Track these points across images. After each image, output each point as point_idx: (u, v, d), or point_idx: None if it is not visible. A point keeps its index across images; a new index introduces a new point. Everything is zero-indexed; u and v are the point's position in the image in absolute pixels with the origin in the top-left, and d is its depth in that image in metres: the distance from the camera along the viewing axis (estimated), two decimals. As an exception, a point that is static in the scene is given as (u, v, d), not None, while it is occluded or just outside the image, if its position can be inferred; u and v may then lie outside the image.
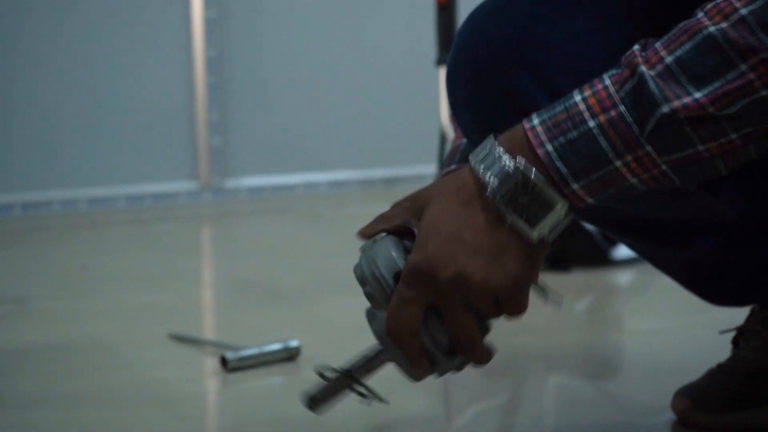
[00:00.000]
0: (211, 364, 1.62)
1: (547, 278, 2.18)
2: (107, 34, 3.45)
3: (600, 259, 2.33)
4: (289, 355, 1.65)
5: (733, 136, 0.94)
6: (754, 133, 0.94)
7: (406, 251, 1.03)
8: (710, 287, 1.33)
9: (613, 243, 2.36)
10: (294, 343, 1.66)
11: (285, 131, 3.70)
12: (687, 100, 0.93)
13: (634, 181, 0.97)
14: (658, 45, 0.96)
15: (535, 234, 0.99)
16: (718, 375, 1.33)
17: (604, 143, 0.96)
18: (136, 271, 2.46)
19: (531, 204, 0.97)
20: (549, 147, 0.97)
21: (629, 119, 0.95)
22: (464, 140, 1.22)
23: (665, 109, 0.93)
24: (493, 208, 0.98)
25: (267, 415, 1.43)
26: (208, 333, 1.91)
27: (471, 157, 1.00)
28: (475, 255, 0.99)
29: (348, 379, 1.05)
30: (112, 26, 3.46)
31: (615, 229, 1.32)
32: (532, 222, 0.98)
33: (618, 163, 0.95)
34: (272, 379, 1.59)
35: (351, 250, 1.72)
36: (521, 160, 0.97)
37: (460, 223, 0.99)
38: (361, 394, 1.07)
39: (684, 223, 1.24)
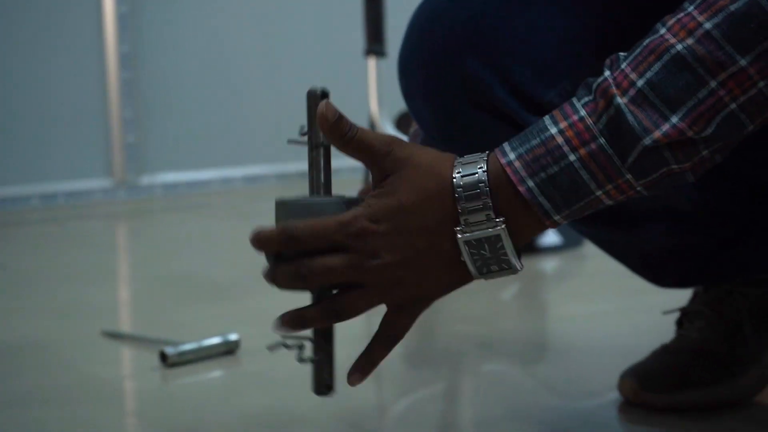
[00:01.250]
0: (149, 359, 1.60)
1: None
2: (17, 30, 3.39)
3: (527, 246, 2.34)
4: (229, 349, 1.64)
5: (705, 153, 0.95)
6: (723, 146, 0.95)
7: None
8: (658, 270, 1.35)
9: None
10: (233, 337, 1.65)
11: (200, 126, 3.67)
12: (666, 128, 0.93)
13: (608, 203, 0.97)
14: (625, 66, 0.95)
15: (478, 278, 1.00)
16: (664, 356, 1.34)
17: (585, 176, 0.95)
18: (57, 270, 2.42)
19: (490, 258, 0.97)
20: (530, 183, 0.96)
21: (610, 151, 0.95)
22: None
23: (647, 141, 0.93)
24: (455, 240, 0.98)
25: (210, 408, 1.42)
26: (141, 329, 1.89)
27: (459, 183, 0.97)
28: (417, 261, 0.99)
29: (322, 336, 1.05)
30: (22, 22, 3.40)
31: None
32: (483, 271, 0.98)
33: (599, 193, 0.96)
34: (212, 373, 1.58)
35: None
36: (501, 222, 0.96)
37: (422, 226, 0.98)
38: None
39: (635, 208, 1.26)
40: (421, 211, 0.98)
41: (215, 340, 1.63)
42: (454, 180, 0.97)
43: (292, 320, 1.03)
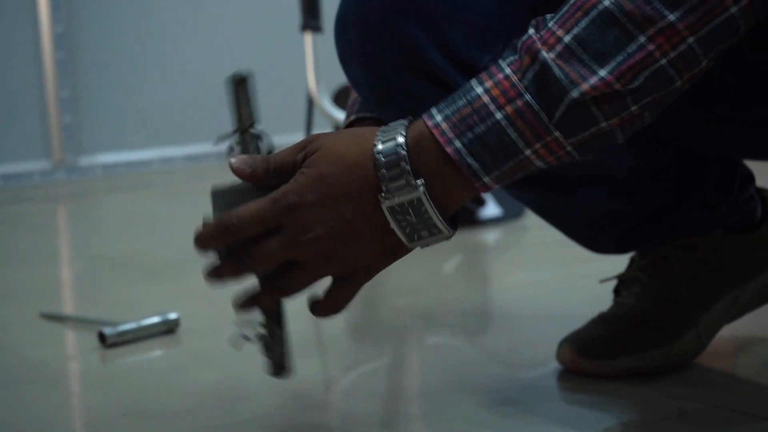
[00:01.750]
0: (89, 340, 1.59)
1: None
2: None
3: (467, 219, 2.35)
4: (168, 328, 1.63)
5: (633, 108, 0.95)
6: (651, 101, 0.95)
7: None
8: (596, 237, 1.36)
9: (479, 203, 2.38)
10: (173, 316, 1.63)
11: (138, 106, 3.65)
12: (593, 80, 0.93)
13: (539, 164, 0.96)
14: (552, 24, 0.96)
15: (412, 246, 1.00)
16: (600, 323, 1.35)
17: (513, 134, 0.95)
18: (-5, 253, 2.40)
19: (418, 224, 0.97)
20: (458, 144, 0.96)
21: (536, 108, 0.94)
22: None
23: (574, 94, 0.93)
24: (380, 208, 0.98)
25: (150, 387, 1.41)
26: (80, 310, 1.87)
27: (379, 151, 0.97)
28: (347, 231, 0.99)
29: (274, 321, 1.06)
30: (-47, 3, 3.36)
31: None
32: (414, 238, 0.98)
33: (527, 152, 0.95)
34: (153, 352, 1.57)
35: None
36: (420, 185, 0.96)
37: (346, 195, 0.98)
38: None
39: (572, 173, 1.26)
40: (343, 180, 0.98)
41: (154, 320, 1.62)
42: (374, 148, 0.97)
43: (241, 302, 1.05)
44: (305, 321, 1.04)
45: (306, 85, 2.61)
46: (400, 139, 0.97)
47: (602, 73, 0.93)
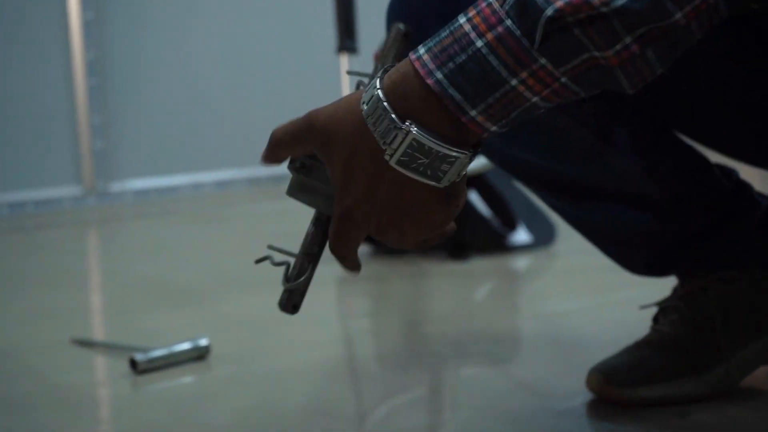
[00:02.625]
0: (120, 367, 1.59)
1: (446, 266, 2.19)
2: (-18, 39, 3.38)
3: (498, 245, 2.34)
4: (199, 354, 1.63)
5: (628, 39, 0.88)
6: (648, 34, 0.89)
7: None
8: (626, 254, 1.36)
9: (510, 229, 2.38)
10: (203, 342, 1.63)
11: (169, 132, 3.66)
12: None
13: (535, 99, 0.91)
14: None
15: (443, 184, 0.94)
16: (633, 350, 1.34)
17: (495, 62, 0.90)
18: (25, 277, 2.41)
19: (433, 162, 0.93)
20: (439, 75, 0.91)
21: (517, 33, 0.89)
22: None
23: (549, 11, 0.88)
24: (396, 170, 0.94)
25: (181, 414, 1.41)
26: (111, 336, 1.87)
27: (364, 112, 0.94)
28: (397, 211, 0.96)
29: (308, 258, 1.05)
30: (-13, 30, 3.39)
31: (539, 185, 1.34)
32: (438, 176, 0.93)
33: (513, 82, 0.90)
34: (184, 378, 1.57)
35: (244, 249, 1.72)
36: (409, 126, 0.92)
37: (371, 178, 0.95)
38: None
39: (607, 187, 1.26)
40: (358, 163, 0.95)
41: (185, 346, 1.62)
42: (362, 111, 0.94)
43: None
44: (338, 348, 1.04)
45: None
46: (377, 84, 0.93)
47: None
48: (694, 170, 1.32)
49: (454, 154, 0.92)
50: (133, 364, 1.56)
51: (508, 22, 0.89)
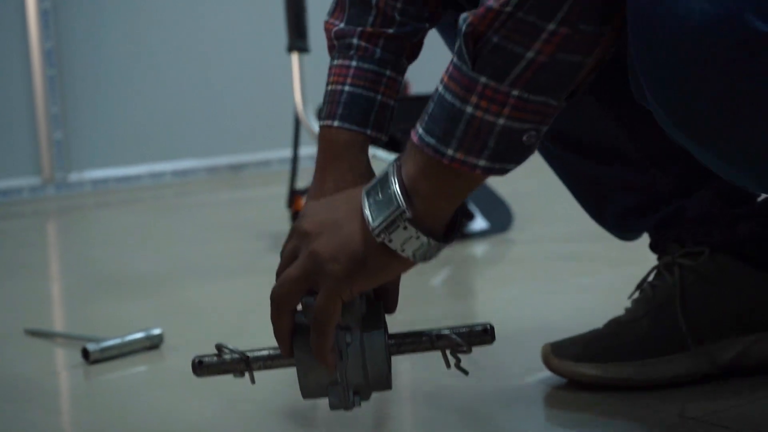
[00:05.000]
0: (74, 357, 1.58)
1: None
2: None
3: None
4: (152, 344, 1.63)
5: (551, 26, 0.89)
6: (570, 12, 0.88)
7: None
8: (599, 203, 1.38)
9: (468, 217, 2.38)
10: (156, 331, 1.63)
11: (128, 121, 3.65)
12: (480, 10, 0.90)
13: (501, 121, 0.92)
14: None
15: (375, 227, 0.97)
16: (598, 329, 1.36)
17: (449, 97, 0.93)
18: (-18, 269, 2.40)
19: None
20: (420, 130, 0.95)
21: (459, 63, 0.92)
22: (345, 87, 1.17)
23: (464, 28, 0.90)
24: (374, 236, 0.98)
25: (134, 404, 1.40)
26: (66, 326, 1.87)
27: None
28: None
29: (242, 363, 1.04)
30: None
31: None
32: (379, 222, 0.97)
33: (469, 109, 0.92)
34: (136, 368, 1.56)
35: (203, 238, 1.72)
36: (402, 202, 0.95)
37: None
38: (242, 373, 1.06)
39: (584, 139, 1.27)
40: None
41: (138, 336, 1.62)
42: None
43: (322, 352, 1.01)
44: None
45: (293, 102, 2.61)
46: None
47: (487, 2, 0.90)
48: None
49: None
50: (86, 354, 1.56)
51: (455, 59, 0.92)
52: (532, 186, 1.89)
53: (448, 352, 1.04)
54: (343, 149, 1.17)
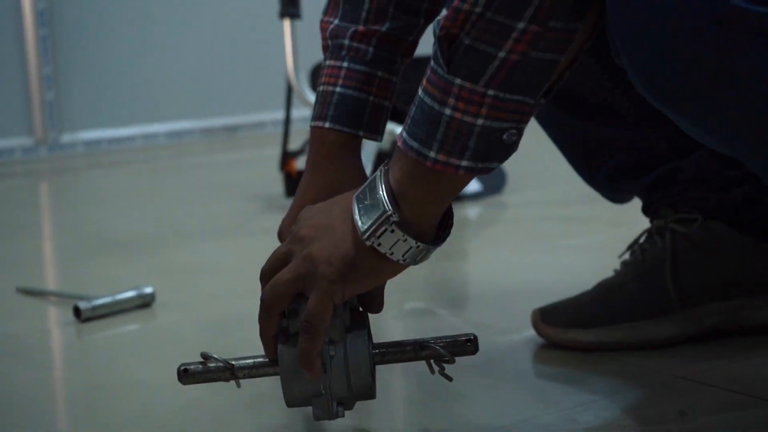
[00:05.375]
0: (66, 315, 1.59)
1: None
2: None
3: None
4: (144, 302, 1.63)
5: (521, 24, 0.89)
6: (539, 11, 0.89)
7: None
8: (590, 162, 1.37)
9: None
10: (148, 290, 1.64)
11: (121, 83, 3.64)
12: (444, 12, 0.91)
13: (480, 121, 0.92)
14: None
15: (365, 231, 0.98)
16: (585, 293, 1.36)
17: (428, 100, 0.94)
18: (-25, 229, 2.40)
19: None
20: (404, 134, 0.96)
21: (435, 66, 0.93)
22: (336, 88, 1.17)
23: (438, 31, 0.91)
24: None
25: (125, 361, 1.41)
26: (60, 285, 1.87)
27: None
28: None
29: (227, 372, 1.04)
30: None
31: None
32: (368, 225, 0.97)
33: (447, 111, 0.93)
34: (128, 326, 1.57)
35: (196, 199, 1.72)
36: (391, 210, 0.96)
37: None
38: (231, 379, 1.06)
39: (586, 98, 1.26)
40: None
41: (129, 294, 1.62)
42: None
43: (310, 357, 1.01)
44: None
45: (285, 67, 2.60)
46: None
47: (454, 1, 0.91)
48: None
49: (384, 206, 0.96)
50: (77, 312, 1.56)
51: (432, 63, 0.93)
52: (526, 149, 1.89)
53: (432, 361, 1.04)
54: (334, 150, 1.18)
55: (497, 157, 0.95)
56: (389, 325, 1.53)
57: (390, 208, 0.96)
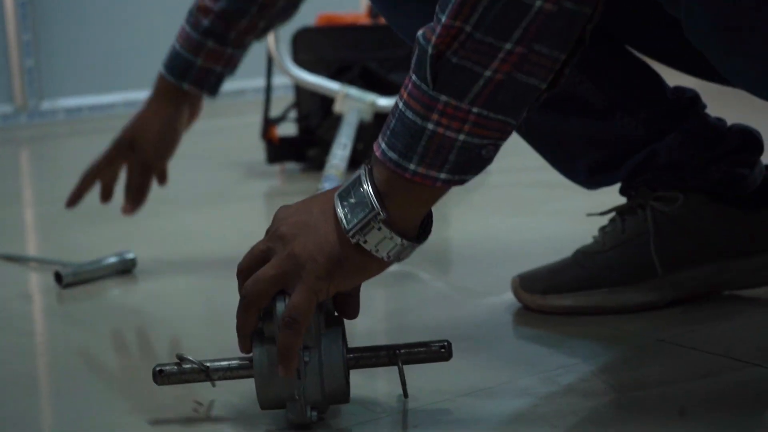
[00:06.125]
0: (45, 280, 1.58)
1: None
2: None
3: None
4: (125, 268, 1.63)
5: (508, 45, 0.92)
6: (526, 33, 0.92)
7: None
8: (570, 159, 1.37)
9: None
10: (130, 256, 1.63)
11: (101, 49, 3.62)
12: (438, 29, 0.93)
13: (462, 137, 0.95)
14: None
15: (349, 228, 0.99)
16: (562, 260, 1.36)
17: (410, 114, 0.96)
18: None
19: (355, 204, 0.99)
20: (382, 144, 0.98)
21: (418, 82, 0.95)
22: (175, 45, 1.59)
23: (430, 50, 0.94)
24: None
25: (107, 327, 1.41)
26: (42, 252, 1.87)
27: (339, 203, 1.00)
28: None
29: (202, 374, 1.04)
30: None
31: None
32: (352, 222, 0.99)
33: (430, 126, 0.95)
34: (109, 291, 1.57)
35: (176, 166, 1.71)
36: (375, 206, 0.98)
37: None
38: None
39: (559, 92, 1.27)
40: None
41: (111, 260, 1.62)
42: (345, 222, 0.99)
43: (290, 354, 1.00)
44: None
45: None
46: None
47: (443, 18, 0.93)
48: (640, 84, 1.33)
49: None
50: (58, 277, 1.56)
51: (413, 76, 0.96)
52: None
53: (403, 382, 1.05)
54: (161, 93, 1.64)
55: (474, 170, 0.99)
56: (371, 290, 1.53)
57: (378, 206, 0.98)
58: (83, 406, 1.13)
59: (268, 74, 2.52)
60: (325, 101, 2.42)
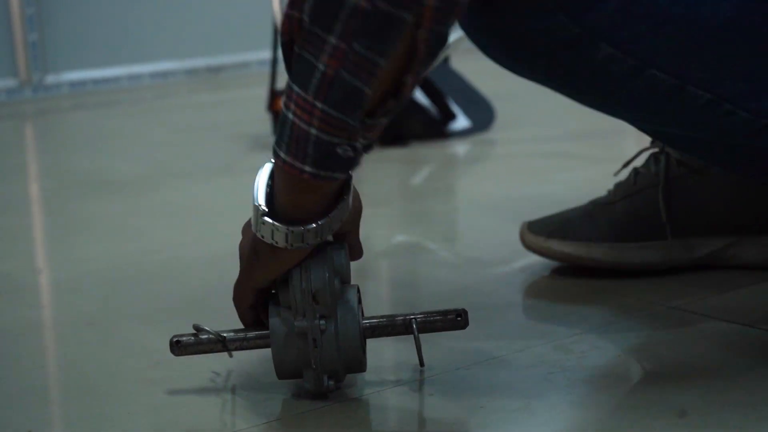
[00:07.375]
0: (54, 255, 1.59)
1: (385, 152, 2.19)
2: None
3: (436, 132, 2.34)
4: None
5: (333, 39, 0.88)
6: (345, 28, 0.88)
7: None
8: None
9: (450, 119, 2.37)
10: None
11: (105, 23, 3.61)
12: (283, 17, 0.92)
13: (313, 131, 0.92)
14: None
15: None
16: (567, 209, 1.38)
17: (290, 115, 0.93)
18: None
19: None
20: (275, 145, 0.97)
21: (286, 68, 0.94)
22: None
23: (281, 38, 0.92)
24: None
25: (117, 298, 1.41)
26: (45, 226, 1.87)
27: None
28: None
29: (219, 344, 1.04)
30: None
31: None
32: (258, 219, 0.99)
33: (290, 115, 0.92)
34: (120, 264, 1.56)
35: (182, 139, 1.72)
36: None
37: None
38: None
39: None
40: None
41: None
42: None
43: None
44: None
45: (270, 5, 2.59)
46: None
47: (285, 7, 0.91)
48: None
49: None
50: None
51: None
52: (514, 87, 1.88)
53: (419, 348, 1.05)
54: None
55: (338, 168, 0.94)
56: (380, 260, 1.53)
57: (256, 200, 0.98)
58: (96, 377, 1.13)
59: (273, 46, 2.51)
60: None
